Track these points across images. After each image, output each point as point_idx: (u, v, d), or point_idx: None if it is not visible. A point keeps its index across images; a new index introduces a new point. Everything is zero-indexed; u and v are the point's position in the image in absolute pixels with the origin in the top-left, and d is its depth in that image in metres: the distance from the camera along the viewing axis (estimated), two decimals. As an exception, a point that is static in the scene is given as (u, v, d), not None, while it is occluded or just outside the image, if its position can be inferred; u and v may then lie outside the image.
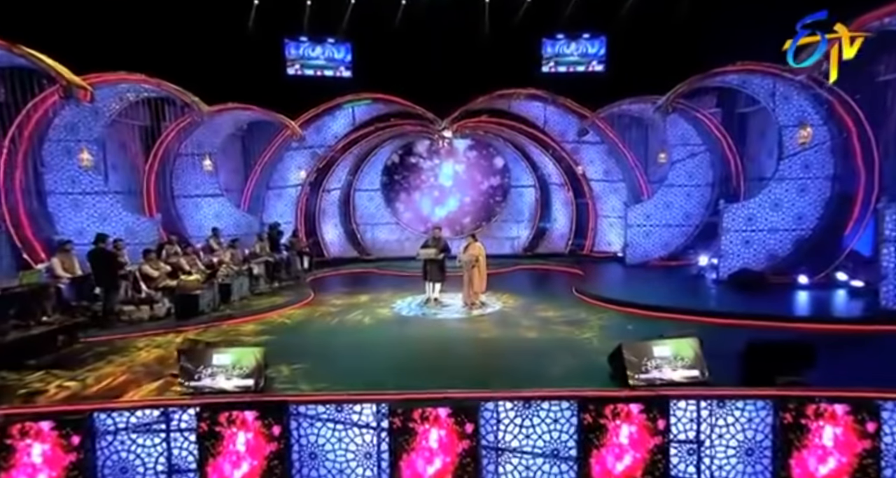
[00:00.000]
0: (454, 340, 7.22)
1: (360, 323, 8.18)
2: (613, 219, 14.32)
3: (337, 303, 9.67)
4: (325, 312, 8.93)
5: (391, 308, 9.28)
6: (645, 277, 11.37)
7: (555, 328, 7.54)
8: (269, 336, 7.28)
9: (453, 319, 8.52)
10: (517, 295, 10.15)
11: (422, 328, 7.92)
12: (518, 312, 8.76)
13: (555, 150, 14.58)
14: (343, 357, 6.28)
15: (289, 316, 8.62)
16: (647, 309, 8.19)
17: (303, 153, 14.17)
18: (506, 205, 15.62)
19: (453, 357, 6.35)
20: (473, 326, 8.01)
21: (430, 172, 15.64)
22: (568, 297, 9.90)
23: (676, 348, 5.12)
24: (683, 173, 12.48)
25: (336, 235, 15.28)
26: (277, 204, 14.23)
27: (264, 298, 9.87)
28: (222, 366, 4.97)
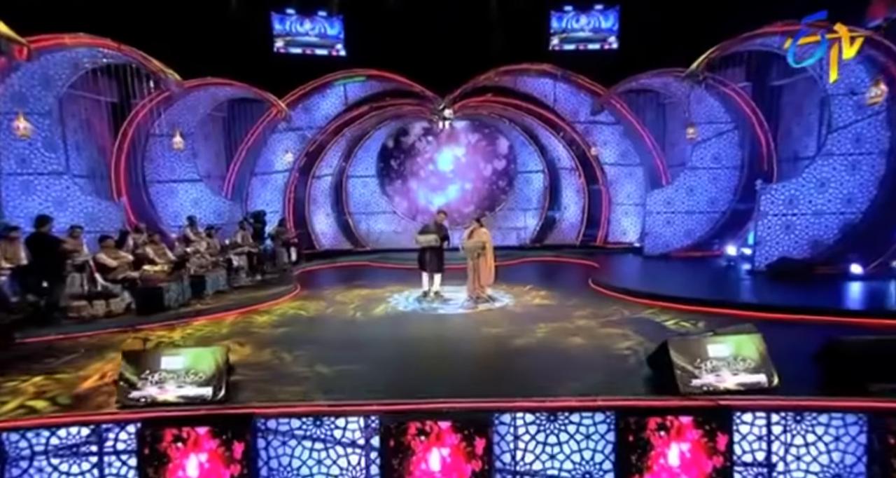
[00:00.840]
0: (459, 338, 6.34)
1: (351, 320, 7.30)
2: (629, 206, 13.46)
3: (326, 298, 8.81)
4: (312, 308, 8.05)
5: (387, 303, 8.42)
6: (668, 269, 10.50)
7: (576, 324, 6.65)
8: (241, 336, 6.39)
9: (457, 314, 7.63)
10: (528, 288, 9.29)
11: (421, 325, 7.05)
12: (531, 307, 7.88)
13: (565, 131, 13.67)
14: (327, 359, 5.39)
15: (269, 312, 7.73)
16: (678, 302, 7.30)
17: (290, 136, 13.27)
18: (512, 192, 14.75)
19: (458, 358, 5.46)
20: (480, 323, 7.12)
21: (429, 156, 14.75)
22: (585, 290, 9.05)
23: (736, 347, 4.23)
24: (709, 155, 11.57)
25: (327, 225, 14.42)
26: (263, 191, 13.35)
27: (244, 292, 8.98)
28: (173, 371, 4.08)
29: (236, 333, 6.56)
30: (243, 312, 7.77)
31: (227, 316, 7.47)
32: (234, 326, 6.90)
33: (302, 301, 8.61)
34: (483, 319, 7.31)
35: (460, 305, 8.14)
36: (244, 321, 7.16)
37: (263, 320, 7.20)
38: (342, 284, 10.19)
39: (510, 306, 7.97)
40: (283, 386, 4.54)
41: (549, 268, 12.06)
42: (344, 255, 13.64)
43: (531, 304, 8.06)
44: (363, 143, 14.43)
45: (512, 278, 10.10)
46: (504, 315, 7.43)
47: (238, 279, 9.83)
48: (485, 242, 8.16)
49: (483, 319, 7.31)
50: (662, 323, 6.49)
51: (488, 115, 14.27)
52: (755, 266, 9.16)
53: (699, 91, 10.88)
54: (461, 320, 7.34)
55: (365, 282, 10.25)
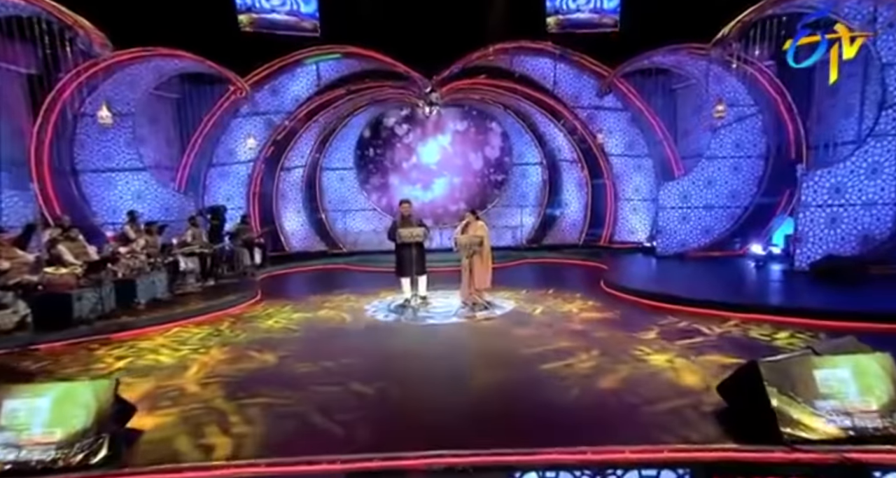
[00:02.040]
0: (455, 357, 5.08)
1: (317, 335, 5.98)
2: (637, 202, 12.41)
3: (291, 307, 7.48)
4: (271, 320, 6.71)
5: (364, 311, 7.13)
6: (690, 270, 9.42)
7: (601, 338, 5.45)
8: (169, 358, 5.01)
9: (449, 325, 6.38)
10: (532, 292, 8.12)
11: (406, 339, 5.78)
12: (540, 315, 6.67)
13: (566, 118, 12.58)
14: (274, 394, 4.07)
15: (214, 327, 6.36)
16: (717, 308, 6.17)
17: (254, 121, 11.90)
18: (506, 187, 13.60)
19: (457, 387, 4.19)
20: (479, 337, 5.89)
21: (413, 147, 13.51)
22: (598, 294, 7.89)
23: (857, 371, 3.05)
24: (729, 142, 10.57)
25: (298, 223, 13.05)
26: (222, 184, 11.94)
27: (190, 300, 7.56)
28: (20, 424, 2.71)
29: (156, 355, 5.17)
30: (182, 324, 6.38)
31: (158, 331, 6.07)
32: (157, 348, 5.50)
33: (260, 311, 7.26)
34: (485, 331, 6.07)
35: (454, 312, 6.90)
36: (175, 339, 5.76)
37: (200, 338, 5.82)
38: (313, 291, 9.00)
39: (513, 314, 6.74)
40: (205, 438, 3.21)
41: (552, 270, 10.95)
42: (318, 257, 12.46)
43: (538, 312, 6.84)
44: (339, 130, 13.14)
45: (513, 282, 8.92)
46: (511, 325, 6.21)
47: (185, 285, 8.42)
48: (482, 238, 6.96)
49: (485, 331, 6.07)
50: (741, 337, 5.31)
51: (480, 100, 13.13)
52: (797, 265, 8.10)
53: (718, 71, 9.89)
54: (456, 332, 6.09)
55: (340, 288, 9.03)
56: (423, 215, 7.34)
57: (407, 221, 7.23)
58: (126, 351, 5.25)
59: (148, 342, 5.59)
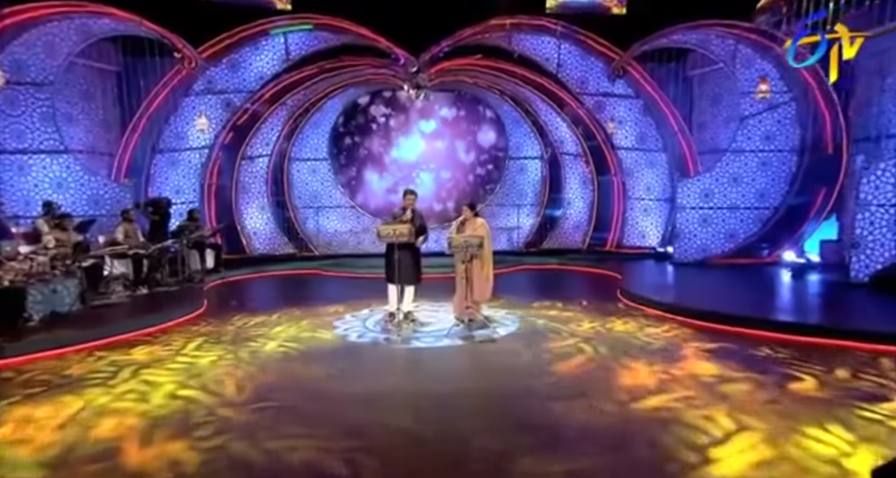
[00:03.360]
0: (449, 399, 3.81)
1: (269, 362, 4.65)
2: (650, 202, 11.39)
3: (242, 323, 6.12)
4: (210, 342, 5.34)
5: (334, 330, 5.84)
6: (717, 280, 8.34)
7: (639, 369, 4.24)
8: (44, 404, 3.62)
9: (441, 350, 5.15)
10: (537, 304, 7.03)
11: (385, 369, 4.53)
12: (554, 335, 5.45)
13: (571, 106, 11.47)
14: (197, 456, 2.76)
15: (128, 352, 4.95)
16: (811, 334, 5.02)
17: (210, 102, 10.48)
18: (501, 184, 12.46)
19: (450, 447, 2.92)
20: (481, 366, 4.66)
21: (395, 136, 12.26)
22: (616, 308, 6.76)
23: None
24: (758, 134, 9.55)
25: (262, 221, 11.67)
26: (170, 174, 10.49)
27: (106, 315, 6.12)
28: None
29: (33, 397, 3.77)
30: (89, 348, 4.95)
31: (50, 357, 4.63)
32: (48, 382, 4.09)
33: (200, 329, 5.86)
34: (488, 359, 4.85)
35: (446, 332, 5.66)
36: (82, 367, 4.34)
37: (110, 364, 4.41)
38: (274, 301, 7.75)
39: (521, 333, 5.49)
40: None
41: (555, 278, 9.85)
42: (285, 261, 11.15)
43: (550, 330, 5.60)
44: (311, 115, 11.82)
45: (511, 291, 7.73)
46: (515, 349, 4.98)
47: (109, 294, 6.95)
48: (482, 238, 5.74)
49: (488, 359, 4.85)
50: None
51: (473, 84, 11.93)
52: (854, 277, 7.04)
53: (747, 52, 8.88)
54: (451, 361, 4.85)
55: (307, 298, 7.77)
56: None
57: (397, 216, 6.05)
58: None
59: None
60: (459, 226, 6.04)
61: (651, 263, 10.50)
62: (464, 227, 6.00)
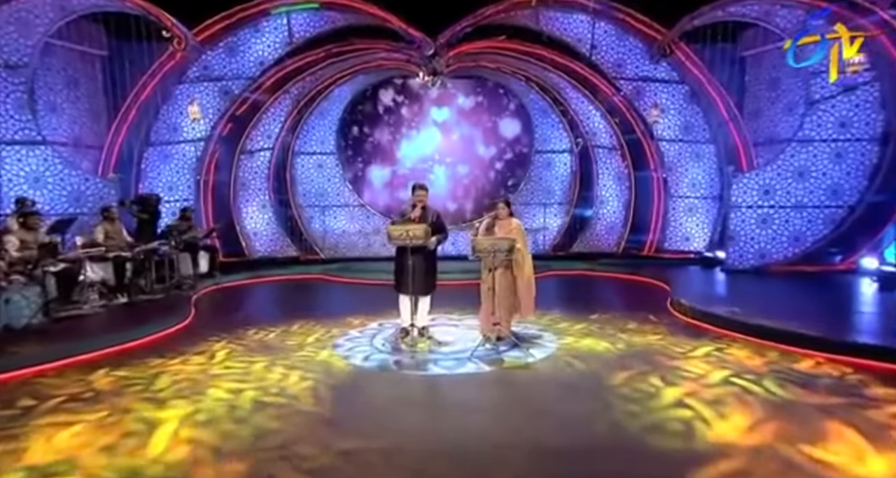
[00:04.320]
0: (480, 460, 2.92)
1: (261, 394, 3.83)
2: (695, 200, 10.43)
3: (229, 341, 5.34)
4: (191, 365, 4.57)
5: (335, 350, 5.04)
6: (791, 292, 7.38)
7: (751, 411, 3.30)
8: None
9: (464, 378, 4.35)
10: (573, 317, 6.20)
11: (392, 410, 3.66)
12: (602, 359, 4.55)
13: (606, 92, 10.54)
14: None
15: (89, 375, 4.18)
16: None
17: (206, 89, 9.82)
18: (526, 181, 11.61)
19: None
20: (518, 404, 3.79)
21: (409, 127, 11.48)
22: (675, 325, 5.82)
23: None
24: (831, 120, 8.47)
25: (263, 221, 11.00)
26: (163, 169, 9.86)
27: (72, 329, 5.38)
28: None
29: None
30: (44, 370, 4.19)
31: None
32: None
33: (178, 349, 5.07)
34: (526, 390, 4.04)
35: (470, 353, 4.81)
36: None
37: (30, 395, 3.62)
38: (268, 314, 7.03)
39: (564, 357, 4.58)
40: None
41: (589, 286, 8.94)
42: (287, 265, 10.47)
43: (601, 354, 4.68)
44: (317, 105, 11.11)
45: (541, 301, 6.83)
46: (565, 381, 4.09)
47: (82, 303, 6.23)
48: (513, 242, 4.92)
49: (526, 390, 4.04)
50: None
51: (496, 70, 11.07)
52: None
53: (819, 23, 7.82)
54: (478, 392, 4.05)
55: (309, 308, 7.01)
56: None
57: (407, 214, 5.28)
58: None
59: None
60: (489, 226, 5.19)
61: (697, 269, 9.55)
62: (495, 228, 5.16)
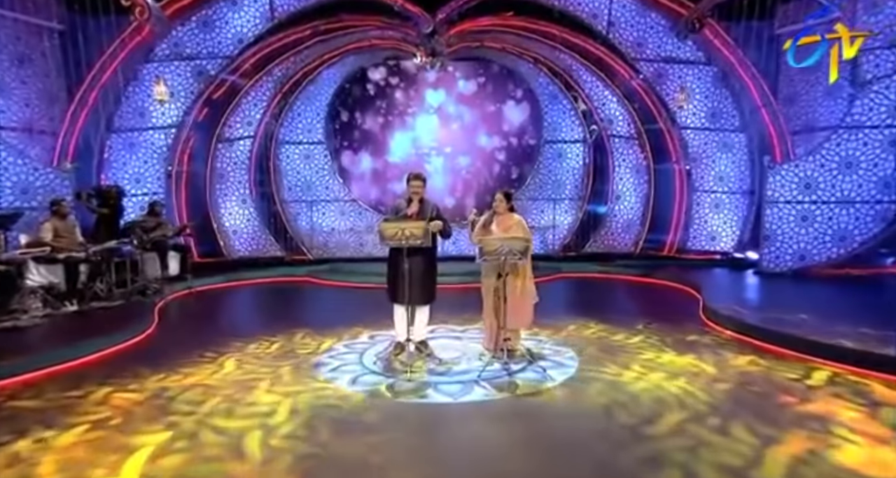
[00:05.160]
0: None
1: (223, 433, 3.11)
2: (722, 195, 9.73)
3: (191, 359, 4.61)
4: (135, 393, 3.83)
5: (317, 373, 4.32)
6: (846, 299, 6.64)
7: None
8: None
9: (472, 407, 3.67)
10: (591, 327, 5.54)
11: (381, 455, 2.90)
12: (639, 384, 3.85)
13: (623, 75, 9.81)
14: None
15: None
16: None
17: (178, 70, 9.05)
18: (534, 173, 10.86)
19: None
20: (544, 446, 3.08)
21: (406, 114, 10.76)
22: (708, 337, 5.15)
23: None
24: (885, 104, 7.74)
25: (244, 218, 10.26)
26: (129, 158, 9.12)
27: (6, 343, 4.63)
28: None
29: None
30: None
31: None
32: None
33: (135, 367, 4.33)
34: (549, 426, 3.38)
35: (478, 374, 4.17)
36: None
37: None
38: (248, 322, 6.49)
39: (586, 378, 3.85)
40: None
41: (605, 291, 8.27)
42: (271, 266, 9.77)
43: (627, 373, 3.95)
44: (303, 89, 10.33)
45: (551, 309, 6.24)
46: (590, 410, 3.42)
47: (19, 313, 5.47)
48: (528, 242, 4.29)
49: (549, 426, 3.38)
50: None
51: (501, 50, 10.32)
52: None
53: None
54: (490, 428, 3.35)
55: (292, 317, 6.32)
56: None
57: (400, 208, 4.63)
58: None
59: None
60: (486, 223, 4.53)
61: (725, 272, 8.86)
62: (495, 222, 4.51)
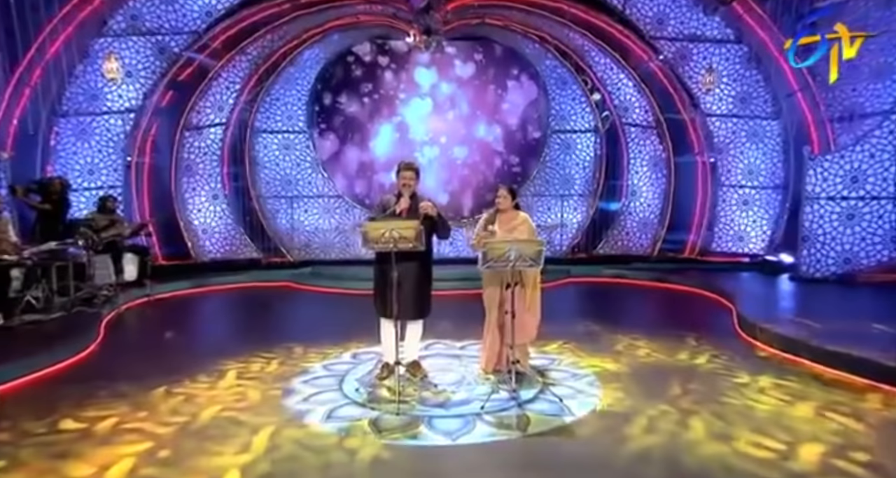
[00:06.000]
0: None
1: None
2: (752, 190, 9.11)
3: (136, 388, 3.99)
4: (63, 435, 3.09)
5: (281, 401, 3.63)
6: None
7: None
8: None
9: (475, 452, 2.92)
10: (613, 341, 4.90)
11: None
12: (682, 417, 3.15)
13: (641, 57, 9.13)
14: None
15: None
16: None
17: (136, 46, 8.33)
18: (539, 167, 10.14)
19: None
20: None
21: (397, 100, 10.06)
22: (752, 356, 4.52)
23: None
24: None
25: (215, 215, 9.58)
26: (80, 147, 8.41)
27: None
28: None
29: None
30: None
31: None
32: None
33: (60, 399, 3.59)
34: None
35: (481, 406, 3.53)
36: None
37: None
38: (212, 338, 5.94)
39: (626, 410, 3.12)
40: None
41: (620, 298, 7.68)
42: (245, 269, 9.15)
43: (656, 401, 3.23)
44: (281, 71, 9.57)
45: (559, 319, 5.68)
46: (632, 456, 2.69)
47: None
48: (541, 245, 3.69)
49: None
50: None
51: (504, 29, 9.62)
52: None
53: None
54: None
55: (266, 330, 5.79)
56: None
57: (388, 204, 4.03)
58: None
59: None
60: (488, 223, 3.98)
61: (756, 277, 8.22)
62: (494, 225, 3.97)
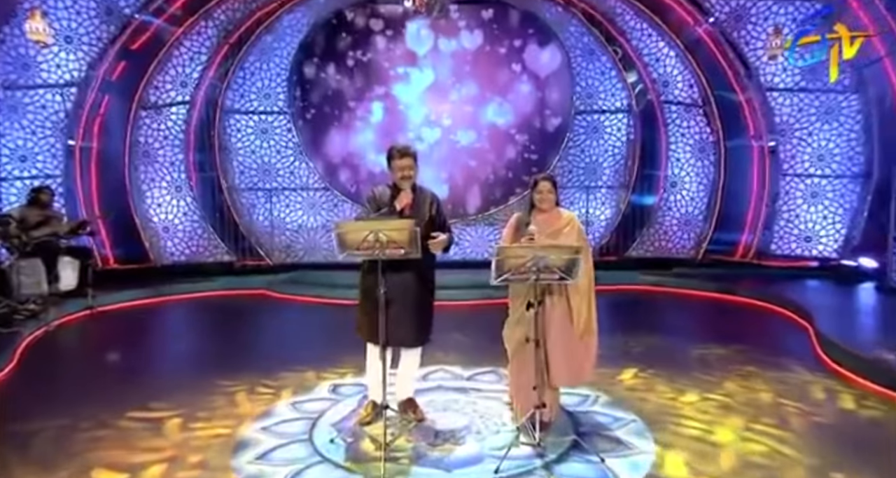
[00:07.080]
0: None
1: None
2: (823, 180, 8.27)
3: (49, 436, 3.23)
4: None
5: (232, 460, 2.88)
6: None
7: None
8: None
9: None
10: (670, 380, 4.19)
11: None
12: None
13: (687, 20, 8.20)
14: None
15: None
16: None
17: (76, 6, 7.54)
18: (561, 155, 9.23)
19: None
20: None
21: (392, 75, 9.15)
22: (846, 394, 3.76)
23: None
24: None
25: (178, 211, 8.84)
26: (9, 127, 7.68)
27: None
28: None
29: None
30: None
31: None
32: None
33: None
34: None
35: (496, 469, 2.81)
36: None
37: None
38: (160, 364, 5.25)
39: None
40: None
41: (663, 312, 7.03)
42: (214, 274, 8.50)
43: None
44: (257, 39, 8.72)
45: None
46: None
47: None
48: (578, 250, 3.08)
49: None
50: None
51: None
52: None
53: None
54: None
55: (230, 355, 5.02)
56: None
57: (379, 200, 3.52)
58: None
59: None
60: (518, 227, 3.49)
61: (830, 286, 7.43)
62: (529, 227, 3.36)
